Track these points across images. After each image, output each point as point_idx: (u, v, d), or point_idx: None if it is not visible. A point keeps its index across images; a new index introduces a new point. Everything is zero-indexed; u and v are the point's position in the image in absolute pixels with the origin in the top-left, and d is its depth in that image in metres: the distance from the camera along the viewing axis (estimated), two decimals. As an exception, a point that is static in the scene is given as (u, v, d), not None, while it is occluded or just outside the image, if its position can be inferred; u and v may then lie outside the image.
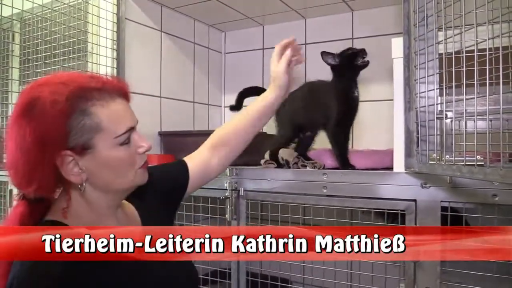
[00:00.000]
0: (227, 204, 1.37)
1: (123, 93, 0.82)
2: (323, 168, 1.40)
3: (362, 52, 1.25)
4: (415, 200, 1.13)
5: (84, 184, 0.78)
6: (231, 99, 2.18)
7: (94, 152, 0.76)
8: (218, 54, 2.20)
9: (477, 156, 0.84)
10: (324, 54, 1.28)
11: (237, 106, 1.51)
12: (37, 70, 1.62)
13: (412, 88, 1.12)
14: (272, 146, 1.42)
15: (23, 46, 1.78)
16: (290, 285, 1.48)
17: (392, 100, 1.21)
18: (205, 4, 1.81)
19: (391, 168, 1.21)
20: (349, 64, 1.26)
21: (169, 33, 1.88)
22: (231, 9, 1.88)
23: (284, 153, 1.39)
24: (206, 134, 1.19)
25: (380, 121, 1.78)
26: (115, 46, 1.59)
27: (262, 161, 1.40)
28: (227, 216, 1.37)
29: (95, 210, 0.82)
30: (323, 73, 1.89)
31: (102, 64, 1.58)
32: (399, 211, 1.15)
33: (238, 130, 1.10)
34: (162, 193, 1.01)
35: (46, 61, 1.59)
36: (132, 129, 0.81)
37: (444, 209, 1.09)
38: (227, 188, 1.37)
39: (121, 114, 0.79)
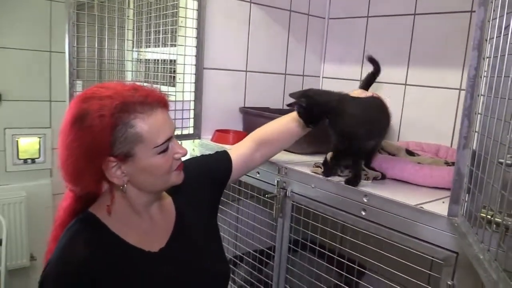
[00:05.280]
0: (275, 201, 1.36)
1: (163, 103, 0.89)
2: (381, 179, 1.26)
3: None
4: (457, 253, 0.95)
5: (125, 185, 0.88)
6: (331, 68, 2.06)
7: (135, 159, 0.85)
8: (320, 20, 2.03)
9: None
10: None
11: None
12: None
13: (472, 121, 0.89)
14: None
15: (136, 12, 1.96)
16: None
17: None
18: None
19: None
20: None
21: (260, 3, 1.80)
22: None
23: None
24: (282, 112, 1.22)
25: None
26: (195, 25, 1.61)
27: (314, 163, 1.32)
28: (273, 213, 1.37)
29: (132, 207, 0.92)
30: (430, 45, 1.62)
31: (188, 46, 1.64)
32: (434, 259, 0.98)
33: (282, 133, 1.21)
34: (205, 184, 1.09)
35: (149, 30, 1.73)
36: (170, 138, 0.88)
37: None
38: (276, 185, 1.35)
39: (161, 125, 0.86)
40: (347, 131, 1.16)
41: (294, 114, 1.20)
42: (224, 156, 1.15)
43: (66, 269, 0.81)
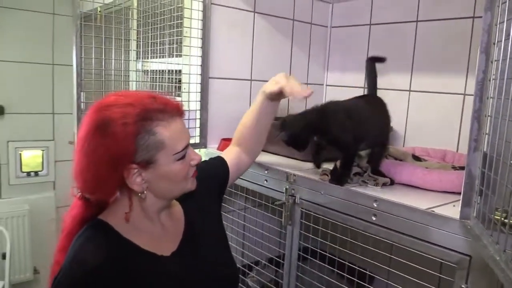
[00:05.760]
0: (284, 209, 1.36)
1: (180, 112, 0.91)
2: (390, 185, 1.26)
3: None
4: (470, 256, 0.95)
5: (145, 192, 0.88)
6: (335, 76, 2.07)
7: (155, 166, 0.86)
8: (323, 29, 2.05)
9: None
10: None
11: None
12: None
13: (482, 124, 0.89)
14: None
15: (141, 23, 1.97)
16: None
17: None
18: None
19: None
20: None
21: (263, 13, 1.82)
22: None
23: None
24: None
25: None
26: (200, 35, 1.62)
27: (320, 170, 1.33)
28: (282, 220, 1.37)
29: (146, 213, 0.92)
30: (433, 51, 1.64)
31: (193, 55, 1.65)
32: (447, 262, 0.98)
33: (248, 125, 1.22)
34: (210, 189, 1.11)
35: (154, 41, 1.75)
36: (187, 145, 0.90)
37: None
38: (284, 193, 1.35)
39: (180, 132, 0.88)
40: (332, 139, 1.21)
41: (256, 104, 1.21)
42: (221, 162, 1.18)
43: (79, 276, 0.81)
